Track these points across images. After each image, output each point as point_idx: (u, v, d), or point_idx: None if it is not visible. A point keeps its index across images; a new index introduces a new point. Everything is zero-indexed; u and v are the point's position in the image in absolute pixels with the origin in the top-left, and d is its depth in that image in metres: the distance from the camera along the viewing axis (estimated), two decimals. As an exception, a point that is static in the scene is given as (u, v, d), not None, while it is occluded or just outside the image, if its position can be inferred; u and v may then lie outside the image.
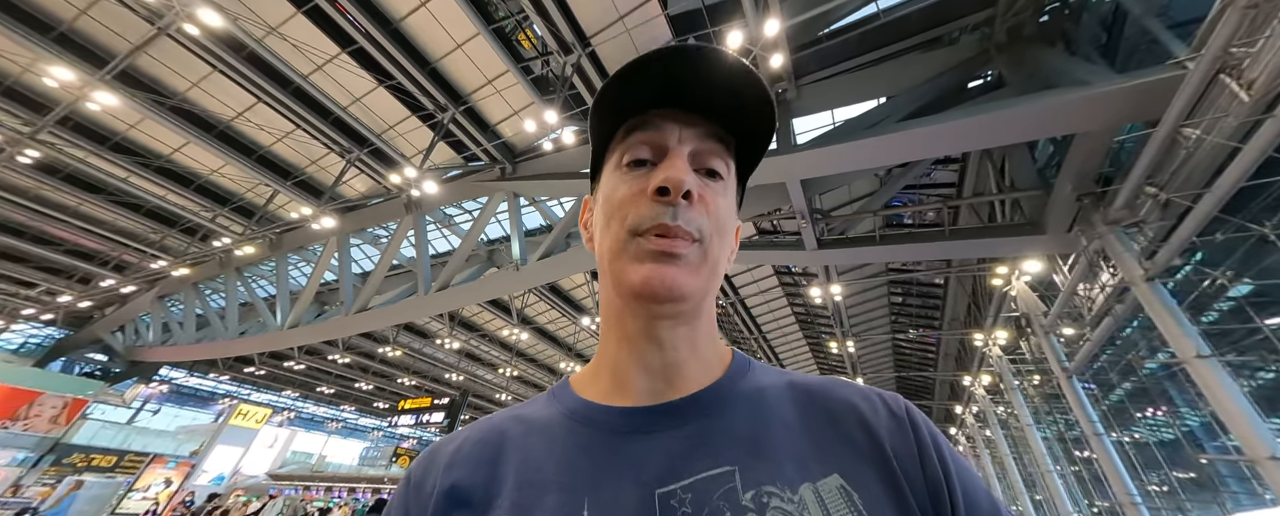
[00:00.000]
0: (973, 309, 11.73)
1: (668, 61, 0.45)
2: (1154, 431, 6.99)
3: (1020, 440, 11.00)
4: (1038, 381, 9.28)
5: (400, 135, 9.37)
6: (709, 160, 0.48)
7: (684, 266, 0.42)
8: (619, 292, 0.45)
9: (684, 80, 0.47)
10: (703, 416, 0.43)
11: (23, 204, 11.38)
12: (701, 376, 0.46)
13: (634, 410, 0.44)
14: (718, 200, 0.47)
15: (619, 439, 0.42)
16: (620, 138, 0.50)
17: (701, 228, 0.44)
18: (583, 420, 0.45)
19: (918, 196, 9.71)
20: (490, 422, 0.50)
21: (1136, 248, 4.40)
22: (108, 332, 17.58)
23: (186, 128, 8.74)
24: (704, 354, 0.48)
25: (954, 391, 16.92)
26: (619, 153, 0.50)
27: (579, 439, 0.43)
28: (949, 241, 6.95)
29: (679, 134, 0.48)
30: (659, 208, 0.43)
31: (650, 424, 0.43)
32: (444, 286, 9.41)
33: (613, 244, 0.45)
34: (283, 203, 11.49)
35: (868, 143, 5.38)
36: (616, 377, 0.47)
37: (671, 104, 0.48)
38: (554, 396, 0.51)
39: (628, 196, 0.46)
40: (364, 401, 30.38)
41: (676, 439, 0.42)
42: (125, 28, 7.46)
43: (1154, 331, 4.78)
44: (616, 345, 0.48)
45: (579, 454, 0.42)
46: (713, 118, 0.49)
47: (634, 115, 0.49)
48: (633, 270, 0.42)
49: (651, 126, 0.48)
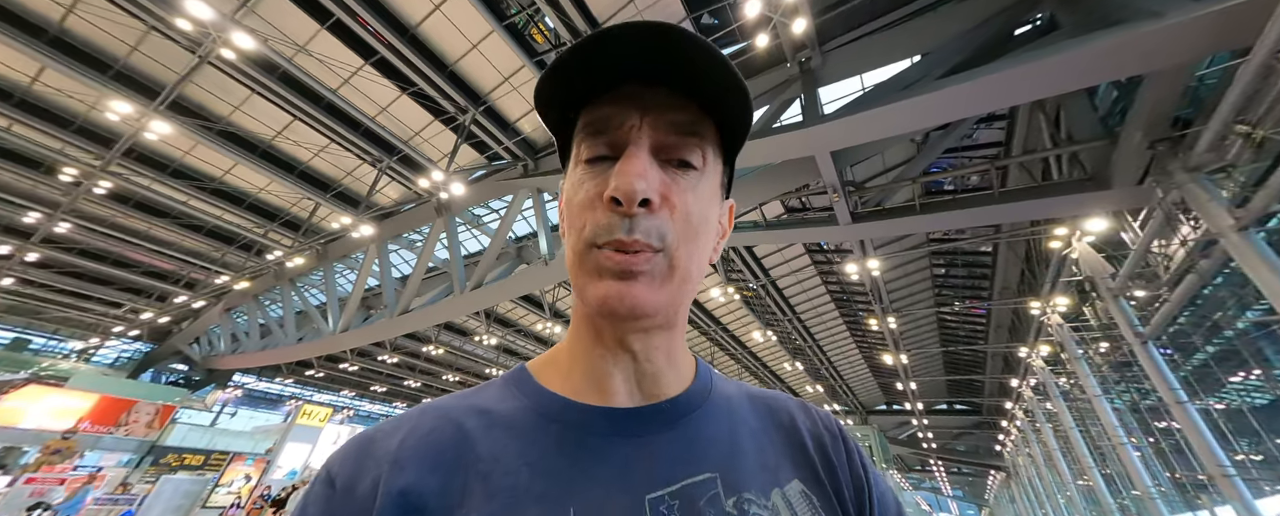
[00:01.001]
0: (1026, 276, 10.99)
1: (628, 36, 0.38)
2: (1246, 396, 6.35)
3: (1086, 412, 10.29)
4: (1105, 349, 8.61)
5: (425, 140, 9.62)
6: (680, 150, 0.42)
7: (645, 283, 0.38)
8: (583, 301, 0.42)
9: (651, 56, 0.39)
10: (682, 422, 0.43)
11: (102, 231, 12.52)
12: (676, 383, 0.46)
13: (614, 411, 0.42)
14: (687, 197, 0.41)
15: (600, 440, 0.40)
16: (585, 118, 0.44)
17: (665, 235, 0.39)
18: (556, 417, 0.41)
19: (959, 159, 9.11)
20: (440, 411, 0.41)
21: (1224, 195, 3.94)
22: (186, 345, 19.26)
23: (233, 150, 9.29)
24: (677, 361, 0.46)
25: (1007, 364, 16.01)
26: (579, 143, 0.44)
27: (554, 438, 0.39)
28: (998, 205, 6.48)
29: (640, 123, 0.41)
30: (614, 218, 0.38)
31: (632, 427, 0.41)
32: (478, 285, 9.67)
33: (571, 255, 0.42)
34: (325, 214, 12.09)
35: (903, 105, 5.05)
36: (590, 377, 0.43)
37: (636, 79, 0.41)
38: (515, 386, 0.45)
39: (584, 202, 0.41)
40: (413, 398, 32.05)
41: (660, 443, 0.41)
42: (171, 59, 7.96)
43: (1246, 286, 4.30)
44: (590, 345, 0.44)
45: (557, 456, 0.38)
46: (685, 95, 0.42)
47: (595, 95, 0.42)
48: (591, 287, 0.39)
49: (608, 116, 0.41)
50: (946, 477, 37.35)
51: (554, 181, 8.65)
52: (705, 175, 0.43)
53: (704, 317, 16.69)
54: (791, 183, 7.44)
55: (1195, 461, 5.85)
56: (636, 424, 0.42)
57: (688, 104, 0.42)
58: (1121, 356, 7.90)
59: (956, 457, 29.49)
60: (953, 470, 33.64)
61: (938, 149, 7.44)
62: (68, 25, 7.41)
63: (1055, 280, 8.43)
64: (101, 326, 19.39)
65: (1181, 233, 4.59)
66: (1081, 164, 6.04)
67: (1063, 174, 6.39)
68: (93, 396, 16.08)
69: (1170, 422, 6.55)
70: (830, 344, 20.49)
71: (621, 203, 0.37)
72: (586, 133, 0.43)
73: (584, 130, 0.43)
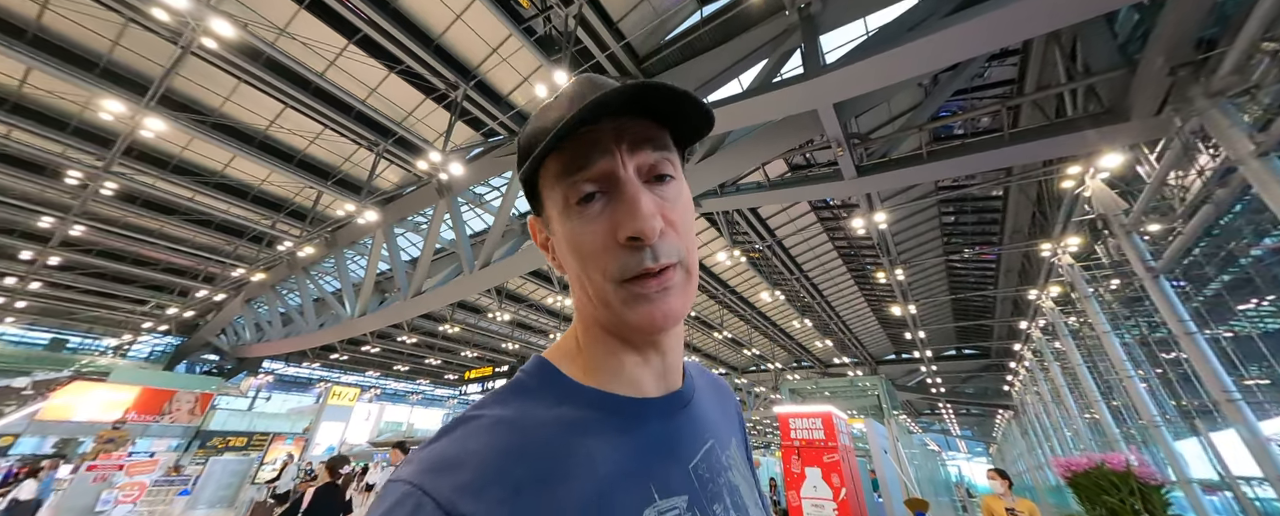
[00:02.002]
0: (1038, 218, 10.83)
1: (612, 101, 0.40)
2: (1257, 323, 6.38)
3: (1094, 348, 10.42)
4: (1116, 286, 8.60)
5: (420, 121, 9.46)
6: (658, 168, 0.46)
7: (675, 294, 0.44)
8: (618, 328, 0.47)
9: (624, 104, 0.42)
10: (689, 402, 0.52)
11: (116, 232, 12.73)
12: (679, 371, 0.53)
13: (652, 401, 0.49)
14: (678, 209, 0.46)
15: (651, 426, 0.47)
16: (556, 163, 0.45)
17: (678, 249, 0.44)
18: (614, 411, 0.46)
19: (969, 101, 8.79)
20: (511, 425, 0.42)
21: (1246, 119, 3.79)
22: (213, 336, 19.98)
23: (230, 142, 9.24)
24: (680, 348, 0.54)
25: (1017, 307, 16.08)
26: (561, 188, 0.45)
27: (617, 430, 0.45)
28: (1009, 147, 6.31)
29: (620, 152, 0.44)
30: (636, 254, 0.42)
31: (666, 412, 0.49)
32: (486, 263, 9.79)
33: (598, 293, 0.45)
34: (328, 202, 12.14)
35: (910, 48, 4.83)
36: (621, 376, 0.48)
37: (596, 118, 0.42)
38: (554, 387, 0.47)
39: (596, 247, 0.43)
40: (435, 375, 33.30)
41: (683, 422, 0.50)
42: (155, 52, 7.79)
43: (1263, 213, 4.22)
44: (618, 348, 0.48)
45: (626, 443, 0.44)
46: (645, 115, 0.45)
47: (562, 130, 0.41)
48: (632, 313, 0.43)
49: (587, 151, 0.43)
50: (955, 419, 38.55)
51: (553, 153, 8.52)
52: (678, 178, 0.48)
53: (712, 281, 16.83)
54: (795, 139, 7.27)
55: (1201, 389, 5.97)
56: (669, 410, 0.50)
57: (648, 122, 0.46)
58: (1132, 292, 7.90)
59: (965, 400, 30.29)
60: (961, 412, 34.65)
61: (946, 91, 7.16)
62: (46, 23, 7.23)
63: (1067, 220, 8.31)
64: (131, 323, 20.13)
65: (1200, 162, 4.47)
66: (1098, 97, 5.80)
67: (1078, 109, 6.16)
68: (134, 389, 16.95)
69: (1178, 353, 6.63)
70: (838, 299, 20.66)
71: (641, 240, 0.42)
72: (565, 172, 0.44)
73: (561, 171, 0.45)
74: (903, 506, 6.78)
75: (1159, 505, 2.39)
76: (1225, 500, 7.26)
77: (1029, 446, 22.60)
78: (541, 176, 0.48)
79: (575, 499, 0.38)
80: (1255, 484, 6.16)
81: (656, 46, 7.65)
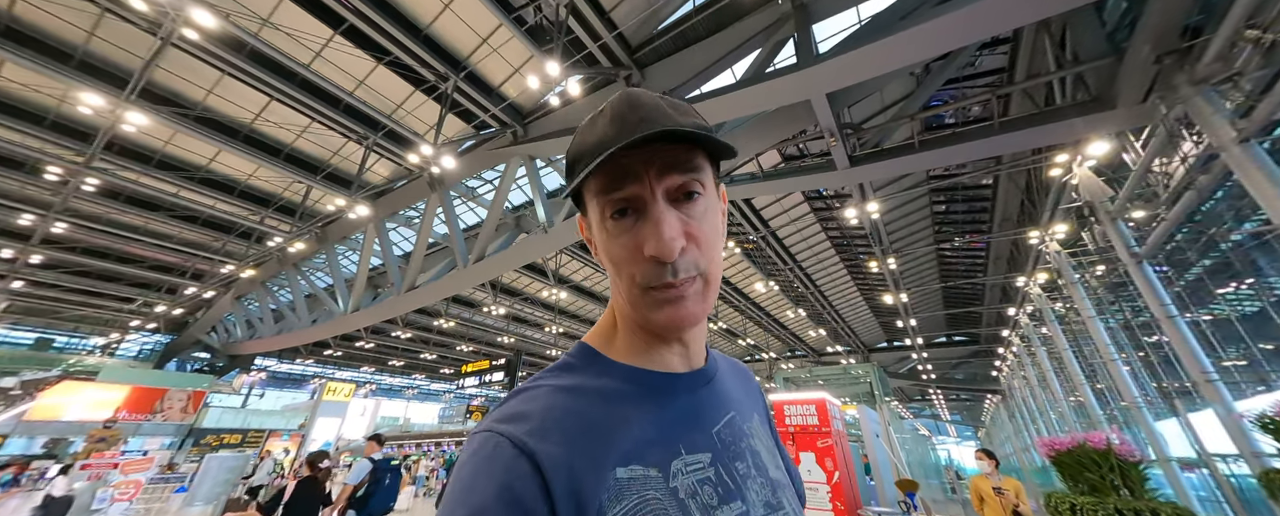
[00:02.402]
0: (1026, 206, 10.99)
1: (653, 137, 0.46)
2: (1236, 306, 6.57)
3: (1079, 333, 10.66)
4: (1101, 272, 8.78)
5: (409, 113, 9.32)
6: (686, 187, 0.50)
7: (693, 301, 0.50)
8: (646, 326, 0.54)
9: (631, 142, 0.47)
10: (711, 380, 0.60)
11: (100, 229, 12.48)
12: (702, 354, 0.61)
13: (679, 376, 0.57)
14: (702, 225, 0.51)
15: (679, 398, 0.55)
16: (595, 180, 0.51)
17: (698, 263, 0.50)
18: (648, 385, 0.54)
19: (960, 90, 8.83)
20: (566, 393, 0.51)
21: (1228, 106, 3.86)
22: (204, 333, 19.75)
23: (214, 136, 9.05)
24: (703, 339, 0.62)
25: (1006, 294, 16.37)
26: (599, 201, 0.51)
27: (654, 401, 0.53)
28: (1000, 136, 6.38)
29: (649, 177, 0.49)
30: (657, 268, 0.48)
31: (692, 387, 0.57)
32: (480, 257, 9.74)
33: (627, 294, 0.52)
34: (318, 197, 11.97)
35: (902, 36, 4.84)
36: (652, 356, 0.56)
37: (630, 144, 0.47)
38: (595, 364, 0.56)
39: (624, 257, 0.50)
40: (431, 369, 33.26)
41: (706, 396, 0.58)
42: (133, 43, 7.57)
43: (1243, 199, 4.32)
44: (650, 339, 0.56)
45: (660, 411, 0.53)
46: (675, 139, 0.49)
47: (599, 159, 0.47)
48: (655, 316, 0.50)
49: (621, 176, 0.49)
50: (945, 404, 39.34)
51: (546, 148, 8.47)
52: (707, 193, 0.53)
53: (707, 272, 16.86)
54: (788, 130, 7.27)
55: (1181, 370, 6.16)
56: (693, 385, 0.57)
57: (678, 147, 0.50)
58: (1117, 277, 8.08)
59: (955, 385, 30.91)
60: (951, 397, 35.37)
61: (938, 80, 7.19)
62: (17, 13, 6.99)
63: (1055, 208, 8.44)
64: (118, 321, 19.83)
65: (1183, 149, 4.55)
66: (1086, 85, 5.86)
67: (1067, 98, 6.23)
68: (124, 387, 16.77)
69: (1160, 337, 6.82)
70: (831, 288, 20.88)
71: (661, 258, 0.47)
72: (603, 190, 0.51)
73: (600, 188, 0.51)
74: (894, 488, 6.95)
75: (1136, 479, 2.49)
76: (1202, 477, 7.53)
77: (1016, 429, 23.17)
78: (585, 187, 0.54)
79: (616, 448, 0.46)
80: (1230, 461, 6.39)
81: (649, 36, 7.58)
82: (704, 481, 0.50)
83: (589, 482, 0.43)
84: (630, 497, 0.44)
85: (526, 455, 0.42)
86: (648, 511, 0.44)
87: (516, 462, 0.41)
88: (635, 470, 0.46)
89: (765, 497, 0.55)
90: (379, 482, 5.18)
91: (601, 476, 0.44)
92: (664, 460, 0.48)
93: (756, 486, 0.55)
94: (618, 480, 0.44)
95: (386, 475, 5.30)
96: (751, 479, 0.55)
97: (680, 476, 0.48)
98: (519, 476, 0.41)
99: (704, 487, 0.50)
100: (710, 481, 0.51)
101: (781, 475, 0.62)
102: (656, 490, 0.46)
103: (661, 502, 0.45)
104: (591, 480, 0.43)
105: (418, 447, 23.32)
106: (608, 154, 0.45)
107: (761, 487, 0.56)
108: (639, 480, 0.45)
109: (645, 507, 0.44)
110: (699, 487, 0.49)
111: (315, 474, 5.06)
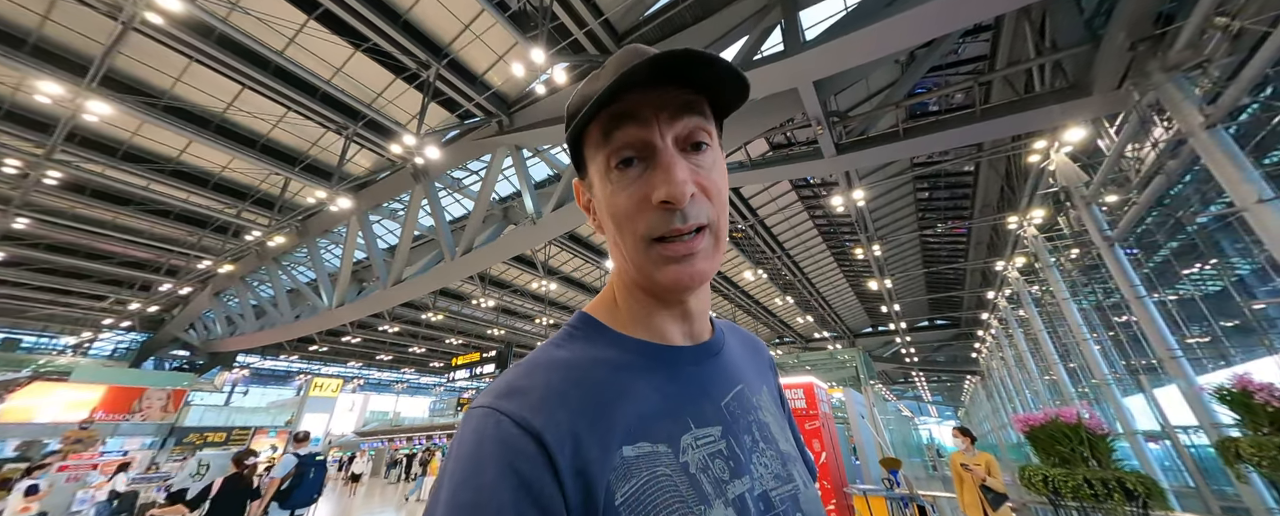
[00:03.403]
0: (1006, 192, 11.26)
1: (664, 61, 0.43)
2: (1199, 286, 6.89)
3: (1054, 314, 11.07)
4: (1075, 255, 9.09)
5: (390, 102, 9.07)
6: (695, 136, 0.48)
7: (702, 257, 0.48)
8: (651, 287, 0.51)
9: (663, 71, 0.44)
10: (719, 351, 0.58)
11: (65, 224, 11.96)
12: (706, 326, 0.59)
13: (684, 349, 0.55)
14: (712, 176, 0.49)
15: (687, 369, 0.54)
16: (598, 129, 0.49)
17: (707, 213, 0.48)
18: (654, 356, 0.52)
19: (943, 78, 8.94)
20: (568, 364, 0.48)
21: (1197, 92, 4.00)
22: (181, 331, 19.22)
23: (184, 126, 8.69)
24: (706, 305, 0.59)
25: (985, 278, 16.86)
26: (603, 152, 0.49)
27: (661, 373, 0.51)
28: (981, 123, 6.48)
29: (659, 122, 0.47)
30: (666, 215, 0.46)
31: (699, 359, 0.55)
32: (467, 249, 9.62)
33: (631, 250, 0.49)
34: (297, 189, 11.64)
35: (888, 23, 4.85)
36: (654, 328, 0.54)
37: (641, 85, 0.46)
38: (603, 336, 0.53)
39: (630, 208, 0.47)
40: (420, 363, 32.98)
41: (714, 368, 0.56)
42: (92, 28, 7.19)
43: (1209, 183, 4.50)
44: (653, 306, 0.54)
45: (667, 383, 0.51)
46: (683, 84, 0.47)
47: (606, 97, 0.44)
48: (660, 273, 0.48)
49: (629, 119, 0.47)
50: (927, 386, 40.59)
51: (532, 137, 8.34)
52: (714, 146, 0.51)
53: (695, 261, 16.95)
54: (775, 118, 7.29)
55: (1148, 348, 6.46)
56: (699, 357, 0.56)
57: (685, 90, 0.48)
58: (1090, 260, 8.38)
59: (936, 367, 31.89)
60: (933, 379, 36.51)
61: (922, 68, 7.26)
62: (-40, -5, 6.56)
63: (1032, 193, 8.67)
64: (90, 320, 19.15)
65: (1154, 134, 4.71)
66: (1064, 72, 5.99)
67: (1046, 85, 6.36)
68: (99, 388, 16.29)
69: (1129, 317, 7.12)
70: (818, 275, 21.20)
71: (672, 203, 0.45)
72: (606, 140, 0.48)
73: (603, 139, 0.48)
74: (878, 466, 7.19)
75: (1104, 451, 2.63)
76: (1165, 448, 7.96)
77: (994, 408, 24.06)
78: (585, 141, 0.52)
79: (622, 422, 0.44)
80: (1191, 432, 6.76)
81: (635, 23, 7.47)
82: (715, 455, 0.48)
83: (596, 460, 0.41)
84: (640, 475, 0.42)
85: (530, 433, 0.40)
86: (658, 488, 0.42)
87: (520, 441, 0.39)
88: (643, 446, 0.44)
89: (775, 470, 0.54)
90: (303, 476, 5.50)
91: (608, 453, 0.42)
92: (674, 435, 0.47)
93: (767, 459, 0.54)
94: (624, 458, 0.42)
95: (311, 469, 5.61)
96: (761, 452, 0.54)
97: (690, 451, 0.47)
98: (524, 456, 0.38)
99: (715, 461, 0.48)
100: (721, 454, 0.49)
101: (791, 448, 0.60)
102: (667, 466, 0.44)
103: (672, 479, 0.44)
104: (598, 457, 0.41)
105: (408, 441, 23.23)
106: (609, 92, 0.42)
107: (772, 460, 0.54)
108: (647, 456, 0.44)
109: (656, 485, 0.42)
110: (710, 461, 0.48)
111: (241, 470, 5.38)
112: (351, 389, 30.07)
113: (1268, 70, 3.44)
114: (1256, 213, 3.80)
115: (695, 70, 0.45)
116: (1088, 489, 2.42)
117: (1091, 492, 2.42)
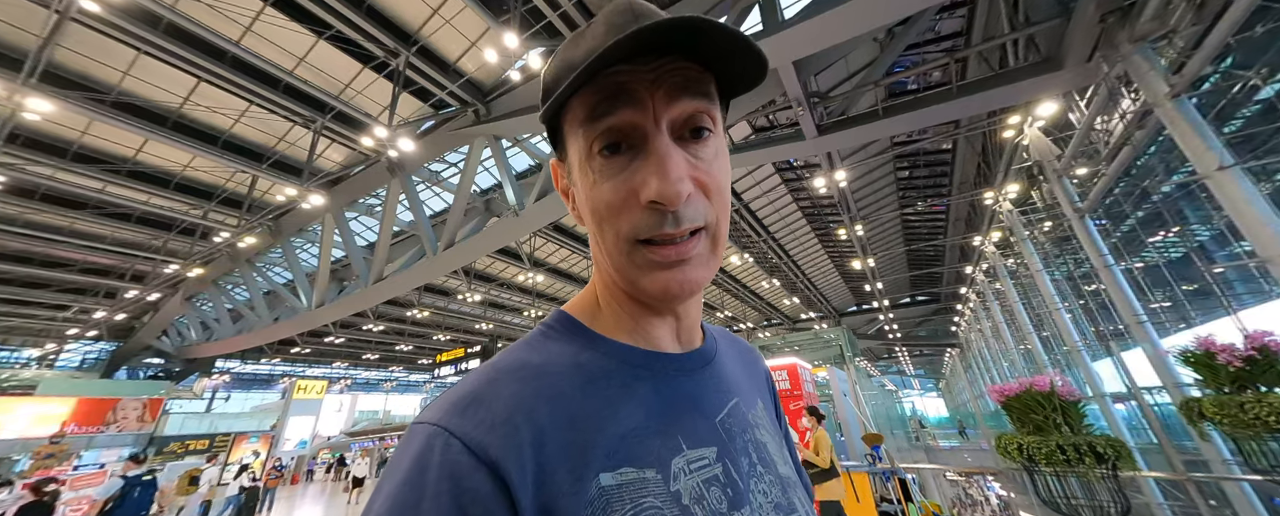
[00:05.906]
0: (982, 168, 11.50)
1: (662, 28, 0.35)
2: (1163, 253, 7.19)
3: (1029, 286, 11.47)
4: (1048, 227, 9.38)
5: (359, 93, 8.72)
6: (694, 120, 0.40)
7: (696, 264, 0.41)
8: (634, 294, 0.45)
9: (639, 35, 0.35)
10: (711, 361, 0.52)
11: (15, 231, 11.29)
12: (697, 332, 0.54)
13: (673, 356, 0.48)
14: (712, 170, 0.41)
15: (676, 380, 0.47)
16: (580, 104, 0.40)
17: (705, 214, 0.40)
18: (640, 365, 0.45)
19: (920, 56, 8.99)
20: (536, 371, 0.41)
21: (1162, 63, 4.08)
22: (154, 338, 18.54)
23: (138, 124, 8.20)
24: (699, 310, 0.53)
25: (964, 253, 17.33)
26: (585, 133, 0.40)
27: (648, 384, 0.44)
28: (957, 99, 6.55)
29: (654, 102, 0.38)
30: (656, 216, 0.39)
31: (690, 368, 0.49)
32: (450, 244, 9.43)
33: (613, 251, 0.42)
34: (266, 187, 11.19)
35: None
36: (640, 333, 0.48)
37: (632, 55, 0.37)
38: (583, 338, 0.46)
39: (614, 203, 0.40)
40: (407, 360, 32.60)
41: (706, 378, 0.49)
42: (24, 19, 6.67)
43: (1173, 152, 4.64)
44: (638, 311, 0.47)
45: (655, 396, 0.44)
46: (683, 54, 0.39)
47: (590, 70, 0.35)
48: (646, 280, 0.41)
49: (618, 97, 0.38)
50: (910, 360, 41.94)
51: (510, 126, 8.13)
52: (717, 134, 0.43)
53: (681, 247, 16.98)
54: (757, 100, 7.24)
55: (1115, 314, 6.74)
56: (691, 366, 0.49)
57: (690, 64, 0.40)
58: (1062, 232, 8.65)
59: (918, 342, 32.93)
60: (915, 353, 37.70)
61: (900, 45, 7.26)
62: None
63: (1008, 168, 8.87)
64: (53, 331, 18.32)
65: (1122, 106, 4.82)
66: (1037, 47, 6.06)
67: (1020, 60, 6.44)
68: (69, 400, 15.68)
69: (1098, 285, 7.40)
70: (803, 257, 21.49)
71: (664, 205, 0.38)
72: (590, 120, 0.40)
73: (587, 116, 0.40)
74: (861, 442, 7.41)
75: (1075, 417, 2.73)
76: (1130, 408, 8.39)
77: (971, 379, 25.01)
78: (565, 117, 0.43)
79: (601, 443, 0.37)
80: (1155, 392, 7.12)
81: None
82: (711, 481, 0.41)
83: (566, 493, 0.34)
84: (622, 507, 0.35)
85: (485, 463, 0.33)
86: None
87: (471, 475, 0.32)
88: (627, 473, 0.37)
89: (776, 499, 0.46)
90: (127, 496, 5.70)
91: (582, 483, 0.35)
92: (663, 457, 0.40)
93: (766, 485, 0.47)
94: (603, 488, 0.35)
95: (136, 489, 5.82)
96: (759, 477, 0.47)
97: (682, 477, 0.40)
98: (473, 496, 0.31)
99: (711, 489, 0.41)
100: (717, 481, 0.42)
101: (791, 471, 0.53)
102: (655, 496, 0.37)
103: (662, 512, 0.36)
104: (570, 489, 0.34)
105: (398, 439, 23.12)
106: (597, 62, 0.34)
107: (771, 486, 0.47)
108: (632, 485, 0.37)
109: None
110: (705, 490, 0.40)
111: (40, 497, 5.37)
112: (339, 389, 29.63)
113: (1229, 39, 3.53)
114: (1217, 179, 3.94)
115: (706, 39, 0.36)
116: (1061, 455, 2.51)
117: (1064, 458, 2.51)
